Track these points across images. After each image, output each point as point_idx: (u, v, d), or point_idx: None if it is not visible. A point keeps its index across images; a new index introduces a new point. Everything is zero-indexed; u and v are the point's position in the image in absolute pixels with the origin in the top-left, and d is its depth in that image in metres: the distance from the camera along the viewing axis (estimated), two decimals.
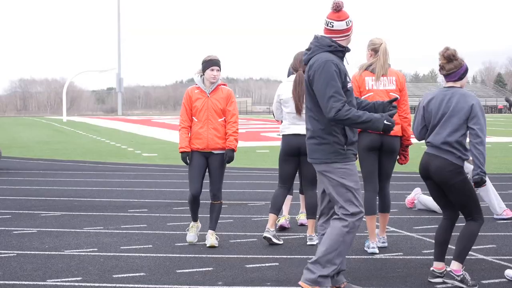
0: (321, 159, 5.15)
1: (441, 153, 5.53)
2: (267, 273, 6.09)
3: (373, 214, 6.84)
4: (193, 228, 7.33)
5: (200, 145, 7.08)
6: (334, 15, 5.15)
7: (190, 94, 7.15)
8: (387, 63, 6.77)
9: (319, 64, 5.05)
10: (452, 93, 5.57)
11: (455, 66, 5.58)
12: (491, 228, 8.22)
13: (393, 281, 5.83)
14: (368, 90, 6.75)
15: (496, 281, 5.80)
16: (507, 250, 6.96)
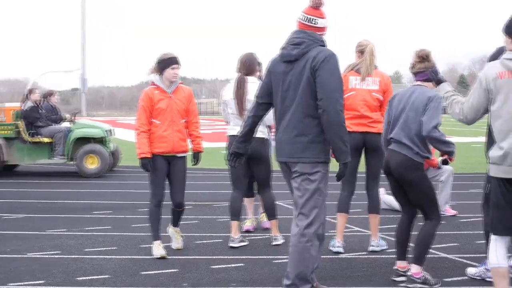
0: (310, 157, 4.89)
1: (400, 148, 5.59)
2: (232, 274, 6.09)
3: (345, 213, 6.93)
4: (159, 246, 6.75)
5: (165, 149, 6.67)
6: (317, 12, 5.02)
7: (151, 95, 6.66)
8: (373, 64, 6.82)
9: (327, 55, 4.84)
10: (414, 89, 5.65)
11: (426, 67, 5.63)
12: (453, 227, 8.33)
13: (358, 280, 5.87)
14: (351, 89, 6.82)
15: (459, 279, 5.88)
16: (469, 249, 7.06)
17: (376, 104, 6.81)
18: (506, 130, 4.52)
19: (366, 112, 6.76)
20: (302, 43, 4.93)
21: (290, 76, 4.95)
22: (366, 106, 6.78)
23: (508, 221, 4.57)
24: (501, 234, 4.63)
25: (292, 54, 4.94)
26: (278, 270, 6.13)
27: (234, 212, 7.18)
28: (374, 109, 6.81)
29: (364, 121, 6.77)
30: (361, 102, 6.77)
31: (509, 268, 4.69)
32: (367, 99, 6.77)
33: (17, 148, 13.94)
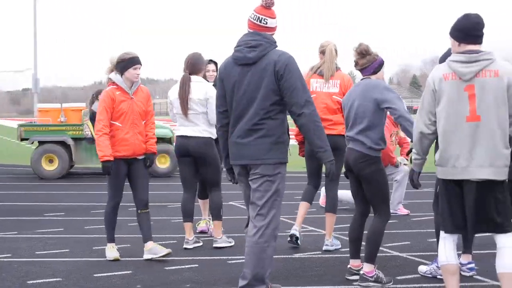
0: (274, 158, 4.88)
1: (355, 145, 5.66)
2: (186, 275, 6.06)
3: (307, 202, 7.10)
4: (113, 248, 6.66)
5: (126, 152, 6.49)
6: (268, 12, 4.98)
7: (112, 96, 6.42)
8: (333, 65, 6.86)
9: (288, 58, 4.86)
10: (360, 84, 5.74)
11: (368, 61, 5.72)
12: (405, 225, 8.44)
13: (311, 279, 5.90)
14: (312, 92, 6.85)
15: (410, 277, 5.96)
16: (420, 247, 7.17)
17: (336, 106, 6.87)
18: (448, 131, 4.59)
19: (326, 115, 6.81)
20: (259, 45, 4.88)
21: (247, 79, 4.90)
22: (326, 109, 6.84)
23: (455, 219, 4.65)
24: (450, 232, 4.71)
25: (249, 57, 4.88)
26: (233, 270, 6.13)
27: (186, 214, 7.15)
28: (334, 111, 6.88)
29: (324, 124, 6.79)
30: (321, 105, 6.81)
31: (458, 265, 4.77)
32: (327, 102, 6.84)
33: (84, 148, 13.67)
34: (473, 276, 5.91)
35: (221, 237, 7.10)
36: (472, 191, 4.52)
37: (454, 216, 4.65)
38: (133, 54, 6.55)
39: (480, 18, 4.62)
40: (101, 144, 6.41)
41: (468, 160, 4.50)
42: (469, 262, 5.94)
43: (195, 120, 6.94)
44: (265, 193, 4.90)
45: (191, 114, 6.92)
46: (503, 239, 4.55)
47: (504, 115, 4.43)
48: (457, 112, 4.53)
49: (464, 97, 4.50)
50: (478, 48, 4.57)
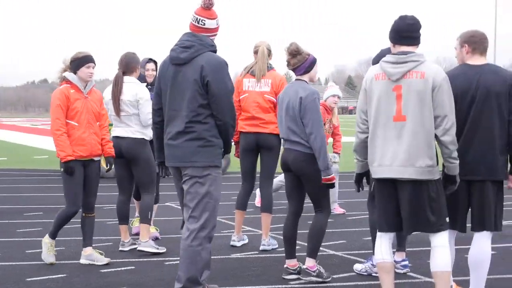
0: (202, 161, 4.87)
1: (293, 145, 5.69)
2: (123, 277, 5.99)
3: (241, 210, 7.12)
4: (52, 247, 6.49)
5: (84, 153, 6.31)
6: (206, 13, 4.96)
7: (67, 94, 6.25)
8: (265, 65, 6.94)
9: (217, 63, 4.83)
10: (292, 86, 5.78)
11: (299, 60, 5.77)
12: (341, 224, 8.55)
13: (249, 279, 5.92)
14: (245, 91, 6.99)
15: (346, 275, 6.04)
16: (356, 245, 7.27)
17: (268, 105, 6.93)
18: (376, 130, 4.67)
19: (258, 114, 6.90)
20: (192, 46, 4.87)
21: (179, 79, 4.90)
22: (258, 108, 6.92)
23: (390, 218, 4.73)
24: (385, 231, 4.79)
25: (181, 58, 4.88)
26: (170, 272, 6.09)
27: (121, 216, 7.07)
28: (267, 110, 6.94)
29: (256, 122, 6.93)
30: (253, 104, 6.91)
31: (393, 263, 4.85)
32: (259, 101, 6.92)
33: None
34: (407, 273, 6.03)
35: (147, 240, 6.90)
36: (405, 190, 4.60)
37: (388, 215, 4.72)
38: (86, 53, 6.45)
39: (415, 20, 4.68)
40: (62, 143, 6.21)
41: (392, 159, 4.58)
42: (403, 259, 6.06)
43: (127, 121, 6.85)
44: (196, 195, 4.88)
45: (123, 115, 6.83)
46: (437, 238, 4.64)
47: (429, 116, 4.49)
48: (385, 111, 4.61)
49: (392, 97, 4.59)
50: (412, 50, 4.64)
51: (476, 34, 5.07)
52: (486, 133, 4.88)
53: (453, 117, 4.53)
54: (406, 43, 4.65)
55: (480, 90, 4.88)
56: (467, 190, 4.92)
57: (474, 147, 4.87)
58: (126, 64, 6.91)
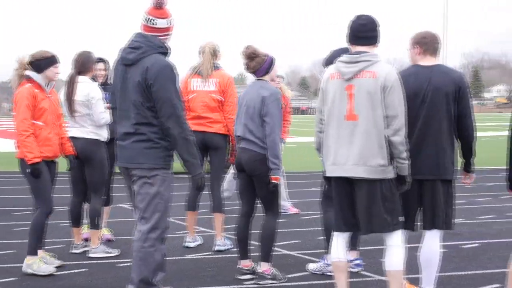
0: (148, 163, 4.79)
1: (248, 145, 5.71)
2: (76, 280, 5.93)
3: (193, 211, 7.14)
4: (40, 260, 6.16)
5: (50, 153, 6.19)
6: (157, 12, 4.87)
7: (34, 94, 6.10)
8: (210, 64, 6.99)
9: (161, 67, 4.71)
10: (254, 85, 5.80)
11: (258, 63, 5.79)
12: (295, 224, 8.60)
13: (204, 280, 5.91)
14: (192, 91, 7.03)
15: (300, 274, 6.08)
16: (310, 245, 7.32)
17: (215, 104, 7.00)
18: (331, 129, 4.72)
19: (205, 113, 6.98)
20: (140, 48, 4.80)
21: (126, 80, 4.83)
22: (206, 107, 6.98)
23: (345, 218, 4.77)
24: (341, 231, 4.82)
25: (128, 59, 4.81)
26: (123, 273, 6.05)
27: (74, 218, 6.98)
28: (214, 109, 7.00)
29: (203, 121, 7.00)
30: (200, 103, 6.99)
31: (348, 262, 4.90)
32: (206, 100, 6.99)
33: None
34: (360, 272, 6.09)
35: (98, 246, 6.82)
36: (360, 189, 4.64)
37: (344, 215, 4.76)
38: (51, 53, 6.34)
39: (370, 19, 4.72)
40: (29, 145, 6.04)
41: (345, 158, 4.62)
42: (356, 258, 6.12)
43: (81, 121, 6.76)
44: (146, 196, 4.82)
45: (77, 116, 6.74)
46: (391, 237, 4.70)
47: (381, 116, 4.53)
48: (338, 110, 4.66)
49: (345, 96, 4.63)
50: (368, 50, 4.67)
51: (427, 35, 5.15)
52: (436, 133, 4.97)
53: (403, 118, 4.57)
54: (361, 43, 4.69)
55: (431, 90, 4.97)
56: (418, 190, 5.00)
57: (425, 147, 4.95)
58: (83, 63, 6.82)
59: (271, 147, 5.60)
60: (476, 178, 5.60)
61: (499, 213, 9.53)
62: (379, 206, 4.60)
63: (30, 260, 6.11)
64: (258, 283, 5.76)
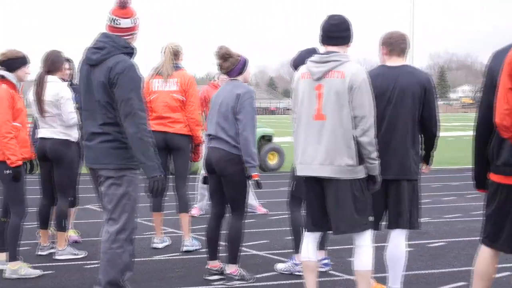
0: (115, 164, 4.75)
1: (219, 144, 5.69)
2: (42, 282, 5.87)
3: (158, 211, 7.14)
4: (24, 264, 6.09)
5: (27, 154, 6.10)
6: (121, 12, 4.83)
7: (12, 94, 5.99)
8: (170, 65, 6.99)
9: (124, 67, 4.66)
10: (227, 85, 5.79)
11: (232, 63, 5.78)
12: (264, 224, 8.61)
13: (172, 281, 5.89)
14: (154, 92, 7.04)
15: (269, 274, 6.09)
16: (279, 245, 7.34)
17: (176, 104, 7.01)
18: (300, 128, 4.74)
19: (167, 113, 6.99)
20: (104, 48, 4.75)
21: (91, 80, 4.79)
22: (167, 107, 7.00)
23: (316, 218, 4.78)
24: (311, 231, 4.83)
25: (92, 59, 4.77)
26: (91, 275, 5.99)
27: (42, 220, 6.89)
28: (175, 109, 7.01)
29: (164, 121, 7.03)
30: (161, 103, 7.00)
31: (318, 262, 4.90)
32: (167, 101, 7.00)
33: None
34: (328, 272, 6.12)
35: (65, 248, 6.74)
36: (330, 189, 4.64)
37: (315, 214, 4.77)
38: (22, 52, 6.24)
39: (341, 19, 4.71)
40: (13, 147, 5.90)
41: (312, 157, 4.64)
42: (323, 258, 6.15)
43: (51, 122, 6.68)
44: (113, 197, 4.78)
45: (48, 116, 6.66)
46: (361, 237, 4.71)
47: (348, 116, 4.54)
48: (307, 110, 4.67)
49: (314, 96, 4.64)
50: (340, 50, 4.68)
51: (394, 36, 5.18)
52: (402, 133, 5.01)
53: (372, 118, 4.58)
54: (333, 43, 4.70)
55: (397, 91, 5.00)
56: (383, 190, 5.02)
57: (390, 147, 4.99)
58: (52, 62, 6.73)
59: (244, 145, 5.60)
60: (442, 177, 5.68)
61: (464, 212, 9.65)
62: (349, 206, 4.60)
63: (15, 265, 6.02)
64: (226, 284, 5.75)
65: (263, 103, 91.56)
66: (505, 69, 3.78)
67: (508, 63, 3.76)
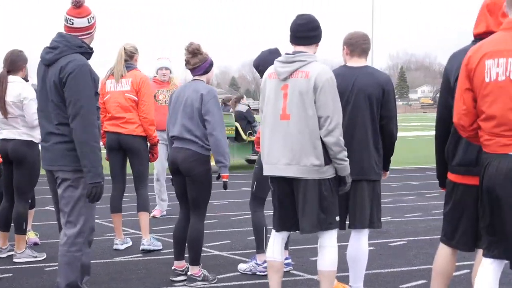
0: (71, 166, 4.65)
1: (184, 144, 5.65)
2: (1, 285, 5.77)
3: (117, 212, 7.07)
4: None
5: None
6: (74, 11, 4.75)
7: None
8: (121, 65, 6.99)
9: (74, 67, 4.58)
10: (190, 85, 5.75)
11: (200, 60, 5.75)
12: (226, 225, 8.60)
13: (133, 282, 5.84)
14: (107, 92, 7.04)
15: (231, 275, 6.08)
16: (240, 245, 7.33)
17: (129, 104, 6.99)
18: (266, 128, 4.73)
19: (119, 113, 6.97)
20: (57, 47, 4.69)
21: (46, 80, 4.74)
22: (119, 107, 6.99)
23: (284, 218, 4.75)
24: (280, 231, 4.82)
25: (46, 59, 4.72)
26: (50, 278, 5.91)
27: (3, 223, 6.76)
28: (127, 109, 6.99)
29: (117, 122, 7.01)
30: (114, 104, 6.99)
31: (283, 262, 4.88)
32: (119, 101, 6.99)
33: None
34: (290, 271, 6.14)
35: (23, 251, 6.62)
36: (297, 188, 4.63)
37: (282, 214, 4.74)
38: None
39: (308, 19, 4.70)
40: None
41: (278, 157, 4.63)
42: (286, 258, 6.16)
43: (13, 123, 6.54)
44: (70, 199, 4.70)
45: (10, 117, 6.53)
46: (325, 237, 4.70)
47: (313, 116, 4.53)
48: (273, 110, 4.66)
49: (280, 96, 4.64)
50: (307, 50, 4.66)
51: (354, 36, 5.21)
52: (361, 134, 5.03)
53: (337, 119, 4.55)
54: (300, 43, 4.69)
55: (355, 92, 5.03)
56: None
57: (350, 148, 5.00)
58: (12, 62, 6.61)
59: (216, 145, 5.57)
60: (403, 177, 5.74)
61: (424, 211, 9.77)
62: (315, 205, 4.58)
63: None
64: (188, 285, 5.73)
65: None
66: (462, 70, 3.87)
67: (465, 64, 3.84)
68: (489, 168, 3.70)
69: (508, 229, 3.65)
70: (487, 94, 3.70)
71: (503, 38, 3.72)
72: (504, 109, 3.63)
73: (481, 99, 3.75)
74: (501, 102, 3.64)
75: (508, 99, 3.62)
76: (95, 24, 4.86)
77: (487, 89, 3.70)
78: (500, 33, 3.78)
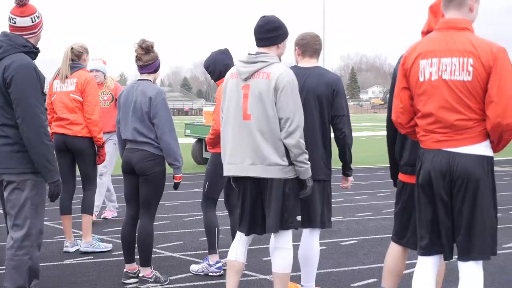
0: (16, 168, 4.55)
1: (139, 145, 5.60)
2: None
3: (67, 214, 6.99)
4: None
5: None
6: (17, 10, 4.64)
7: None
8: (66, 65, 6.93)
9: (18, 66, 4.48)
10: (138, 85, 5.67)
11: (152, 58, 5.70)
12: (178, 225, 8.55)
13: (83, 285, 5.77)
14: (54, 93, 6.98)
15: (183, 276, 6.05)
16: (192, 246, 7.30)
17: (74, 105, 6.92)
18: (227, 128, 4.70)
19: (64, 114, 6.91)
20: (1, 47, 4.58)
21: None
22: (64, 108, 6.92)
23: (251, 221, 4.70)
24: (242, 232, 4.75)
25: None
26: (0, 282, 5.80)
27: None
28: (72, 110, 6.92)
29: (63, 123, 6.94)
30: (60, 104, 6.93)
31: (244, 263, 4.84)
32: (64, 102, 6.92)
33: None
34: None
35: None
36: (264, 188, 4.61)
37: (245, 215, 4.70)
38: None
39: (269, 20, 4.69)
40: None
41: (241, 157, 4.60)
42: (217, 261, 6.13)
43: None
44: (16, 202, 4.60)
45: None
46: (281, 239, 4.68)
47: (274, 117, 4.52)
48: (234, 110, 4.64)
49: (241, 96, 4.62)
50: (269, 51, 4.66)
51: (306, 37, 5.23)
52: (309, 134, 5.01)
53: (298, 121, 4.53)
54: (262, 44, 4.69)
55: (304, 92, 5.04)
56: None
57: None
58: None
59: (167, 149, 5.54)
60: (354, 176, 5.77)
61: (375, 210, 9.88)
62: (279, 205, 4.56)
63: None
64: (140, 287, 5.67)
65: (177, 104, 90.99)
66: (399, 70, 4.02)
67: (401, 64, 4.00)
68: (424, 163, 3.84)
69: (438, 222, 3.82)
70: (422, 93, 3.86)
71: (436, 38, 3.85)
72: (437, 107, 3.78)
73: (416, 97, 3.90)
74: (435, 101, 3.79)
75: (441, 98, 3.77)
76: (41, 23, 4.74)
77: (421, 88, 3.85)
78: (434, 33, 3.91)
